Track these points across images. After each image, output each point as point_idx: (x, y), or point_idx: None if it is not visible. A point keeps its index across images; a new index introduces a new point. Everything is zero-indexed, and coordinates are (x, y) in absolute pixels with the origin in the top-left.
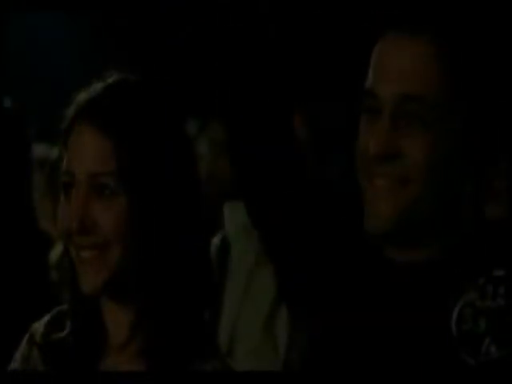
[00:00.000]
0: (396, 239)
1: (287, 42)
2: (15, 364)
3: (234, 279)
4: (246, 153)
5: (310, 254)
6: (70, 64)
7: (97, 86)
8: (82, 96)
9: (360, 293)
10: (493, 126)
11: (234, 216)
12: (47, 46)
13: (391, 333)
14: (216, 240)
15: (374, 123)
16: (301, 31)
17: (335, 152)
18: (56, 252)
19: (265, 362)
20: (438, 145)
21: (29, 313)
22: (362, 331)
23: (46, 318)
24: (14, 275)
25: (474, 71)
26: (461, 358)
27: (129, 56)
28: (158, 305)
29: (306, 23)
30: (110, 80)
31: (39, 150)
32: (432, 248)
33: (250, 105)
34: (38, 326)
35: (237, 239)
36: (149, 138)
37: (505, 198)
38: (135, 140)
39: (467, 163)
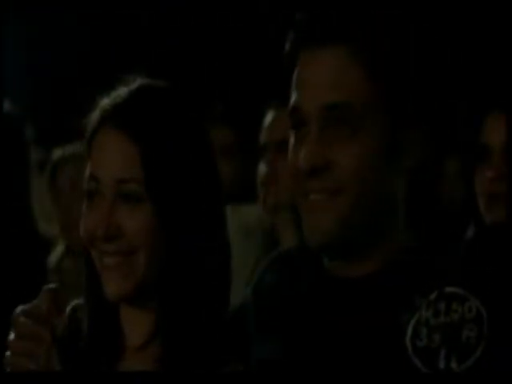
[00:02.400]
0: (337, 251)
1: None
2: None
3: (235, 281)
4: None
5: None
6: (69, 66)
7: (121, 91)
8: (107, 101)
9: (309, 313)
10: (417, 126)
11: (234, 217)
12: (47, 47)
13: (343, 347)
14: None
15: (302, 139)
16: None
17: None
18: (55, 255)
19: None
20: (367, 150)
21: None
22: (316, 347)
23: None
24: (12, 277)
25: (393, 73)
26: (417, 368)
27: (130, 58)
28: (177, 308)
29: None
30: (134, 85)
31: (38, 152)
32: (375, 261)
33: None
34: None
35: (237, 241)
36: (175, 144)
37: (504, 201)
38: (162, 146)
39: (397, 166)
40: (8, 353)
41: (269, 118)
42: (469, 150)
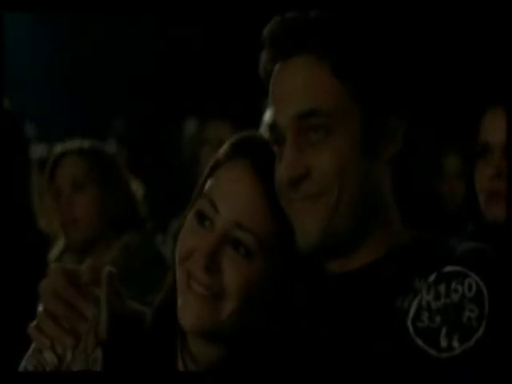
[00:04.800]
0: (328, 251)
1: None
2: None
3: None
4: None
5: None
6: (69, 65)
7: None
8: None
9: (309, 309)
10: (393, 116)
11: None
12: (47, 47)
13: (346, 338)
14: None
15: (282, 153)
16: None
17: None
18: (56, 250)
19: None
20: (343, 150)
21: (27, 312)
22: (318, 340)
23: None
24: (12, 274)
25: (361, 73)
26: (421, 349)
27: (130, 57)
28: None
29: None
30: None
31: (39, 149)
32: (370, 252)
33: None
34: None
35: None
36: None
37: (504, 199)
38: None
39: (376, 157)
40: (41, 318)
41: (268, 113)
42: (468, 147)
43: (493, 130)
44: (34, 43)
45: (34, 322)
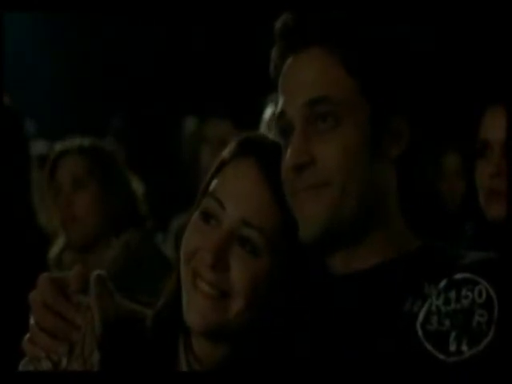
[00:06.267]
0: (331, 243)
1: None
2: None
3: None
4: None
5: None
6: (68, 64)
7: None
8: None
9: (318, 311)
10: (399, 115)
11: None
12: (45, 46)
13: (356, 339)
14: None
15: (289, 144)
16: None
17: None
18: (56, 248)
19: None
20: (349, 141)
21: (27, 311)
22: (330, 338)
23: None
24: (12, 271)
25: (371, 68)
26: (430, 353)
27: (131, 56)
28: None
29: None
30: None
31: (39, 146)
32: (368, 253)
33: None
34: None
35: None
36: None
37: (504, 197)
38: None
39: (381, 155)
40: (33, 331)
41: (268, 111)
42: (468, 145)
43: (492, 127)
44: (33, 43)
45: (28, 336)
